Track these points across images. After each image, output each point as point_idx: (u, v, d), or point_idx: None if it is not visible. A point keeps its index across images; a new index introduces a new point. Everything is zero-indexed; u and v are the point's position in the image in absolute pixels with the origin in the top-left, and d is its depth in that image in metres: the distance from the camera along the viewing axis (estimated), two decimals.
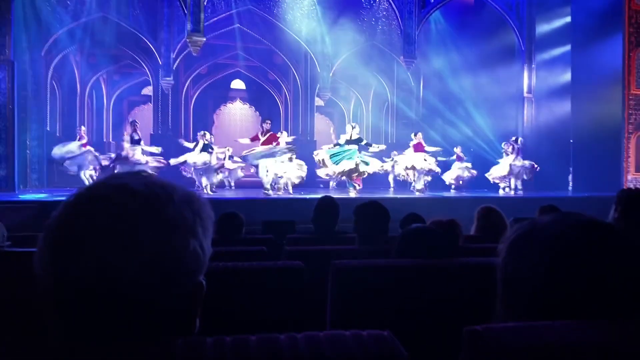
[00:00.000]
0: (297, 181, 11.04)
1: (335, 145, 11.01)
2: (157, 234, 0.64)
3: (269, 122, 10.22)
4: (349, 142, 10.76)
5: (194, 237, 0.68)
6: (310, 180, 14.27)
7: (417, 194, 11.15)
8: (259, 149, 9.96)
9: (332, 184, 13.40)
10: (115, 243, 0.61)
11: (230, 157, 11.96)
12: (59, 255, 0.62)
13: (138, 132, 10.43)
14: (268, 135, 10.05)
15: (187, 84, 16.60)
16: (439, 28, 15.83)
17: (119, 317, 0.62)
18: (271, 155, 9.87)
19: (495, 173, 12.23)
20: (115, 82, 16.83)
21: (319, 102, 17.05)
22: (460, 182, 13.12)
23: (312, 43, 15.21)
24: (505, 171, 11.98)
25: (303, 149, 12.51)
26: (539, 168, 12.04)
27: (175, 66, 14.62)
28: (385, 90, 17.43)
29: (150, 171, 10.10)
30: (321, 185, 14.81)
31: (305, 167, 11.31)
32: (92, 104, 16.48)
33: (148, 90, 16.51)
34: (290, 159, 10.44)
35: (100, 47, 14.43)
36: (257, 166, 10.16)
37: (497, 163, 12.37)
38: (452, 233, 2.61)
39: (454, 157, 13.25)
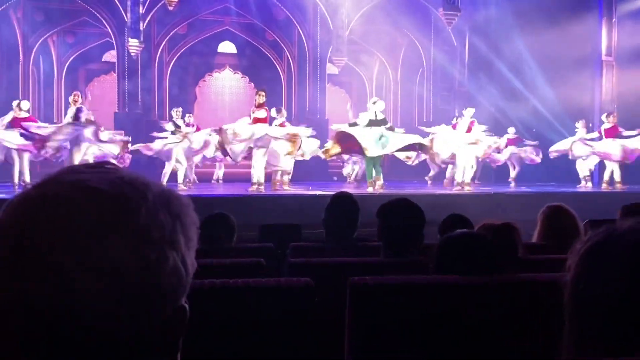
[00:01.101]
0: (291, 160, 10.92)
1: (350, 126, 10.94)
2: (127, 245, 0.64)
3: (263, 93, 10.15)
4: (373, 122, 10.65)
5: (174, 249, 0.68)
6: (320, 171, 14.32)
7: (463, 188, 11.09)
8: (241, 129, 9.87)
9: (349, 171, 13.37)
10: (73, 258, 0.62)
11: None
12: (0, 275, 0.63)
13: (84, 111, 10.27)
14: (259, 111, 10.01)
15: (161, 48, 16.68)
16: None
17: (78, 352, 0.63)
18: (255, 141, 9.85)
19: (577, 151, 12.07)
20: (69, 45, 16.96)
21: (332, 69, 17.01)
22: (514, 170, 13.15)
23: None
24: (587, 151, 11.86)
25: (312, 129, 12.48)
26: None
27: (145, 24, 14.68)
28: (420, 54, 17.35)
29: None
30: (334, 178, 14.82)
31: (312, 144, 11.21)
32: (39, 73, 16.63)
33: (111, 56, 16.61)
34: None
35: None
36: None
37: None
38: (508, 240, 2.60)
39: (506, 139, 13.22)
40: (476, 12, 15.59)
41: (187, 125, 11.55)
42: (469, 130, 11.29)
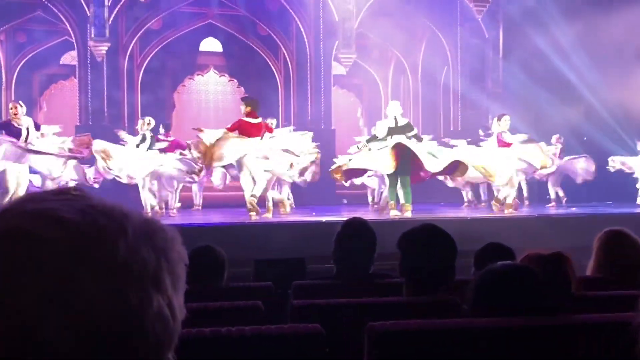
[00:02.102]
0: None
1: (370, 142, 10.94)
2: (102, 285, 0.65)
3: (245, 104, 10.30)
4: (394, 130, 10.67)
5: (158, 291, 0.68)
6: (327, 193, 14.31)
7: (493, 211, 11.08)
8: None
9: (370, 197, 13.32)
10: (38, 302, 0.63)
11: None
12: None
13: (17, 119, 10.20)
14: (239, 122, 10.16)
15: (131, 47, 16.79)
16: None
17: None
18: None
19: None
20: (20, 45, 17.09)
21: (338, 69, 17.11)
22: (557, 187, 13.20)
23: None
24: None
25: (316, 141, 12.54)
26: None
27: (111, 19, 14.82)
28: (444, 49, 17.44)
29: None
30: (344, 201, 14.81)
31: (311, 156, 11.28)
32: None
33: (70, 58, 16.73)
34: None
35: None
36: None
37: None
38: (559, 274, 2.59)
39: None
40: None
41: (162, 139, 11.60)
42: (499, 142, 11.34)
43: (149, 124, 11.33)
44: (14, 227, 0.66)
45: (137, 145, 11.04)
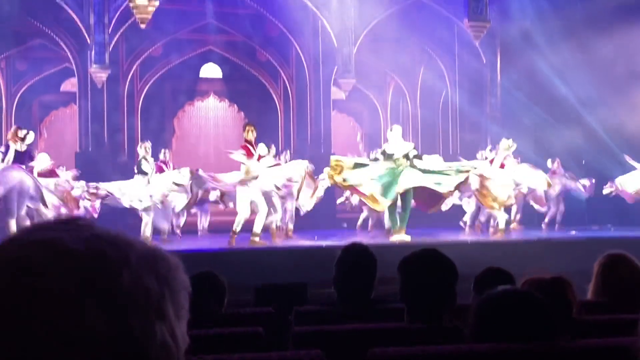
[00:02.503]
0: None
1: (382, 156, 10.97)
2: (107, 315, 0.65)
3: (250, 129, 10.33)
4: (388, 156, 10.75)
5: (162, 320, 0.69)
6: (327, 216, 14.29)
7: (497, 236, 11.08)
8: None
9: (366, 218, 13.32)
10: (43, 331, 0.63)
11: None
12: None
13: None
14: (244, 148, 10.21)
15: (131, 74, 16.88)
16: None
17: None
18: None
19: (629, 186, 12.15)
20: (20, 73, 17.17)
21: (337, 93, 17.19)
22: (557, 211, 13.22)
23: (323, 1, 15.44)
24: None
25: (315, 165, 12.59)
26: None
27: (112, 46, 14.90)
28: (442, 73, 17.53)
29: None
30: (344, 225, 14.78)
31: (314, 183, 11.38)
32: None
33: (71, 85, 16.80)
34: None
35: None
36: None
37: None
38: (560, 298, 2.59)
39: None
40: (509, 21, 15.77)
41: (162, 162, 11.60)
42: (502, 165, 11.40)
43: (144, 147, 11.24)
44: (21, 257, 0.67)
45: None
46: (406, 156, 10.54)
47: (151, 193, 10.54)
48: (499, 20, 15.19)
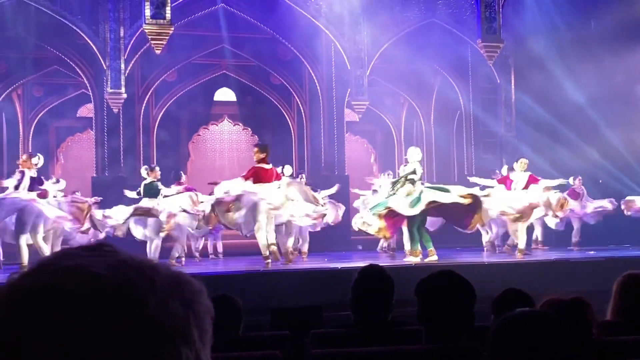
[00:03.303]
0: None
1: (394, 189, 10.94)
2: (133, 343, 0.66)
3: (258, 150, 10.36)
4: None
5: (187, 345, 0.69)
6: (342, 238, 14.26)
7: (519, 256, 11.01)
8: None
9: (382, 243, 13.24)
10: (73, 358, 0.64)
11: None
12: None
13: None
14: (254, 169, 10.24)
15: (146, 99, 17.02)
16: None
17: None
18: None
19: None
20: (37, 99, 17.37)
21: (351, 116, 17.24)
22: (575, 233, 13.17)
23: (336, 25, 15.55)
24: None
25: (330, 187, 12.62)
26: None
27: (127, 71, 15.05)
28: (456, 94, 17.53)
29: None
30: (359, 247, 14.74)
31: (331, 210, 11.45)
32: (1, 131, 16.96)
33: (87, 111, 16.98)
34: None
35: (13, 45, 14.94)
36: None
37: None
38: (580, 319, 2.57)
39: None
40: (523, 42, 15.80)
41: (179, 184, 11.69)
42: (526, 186, 11.36)
43: (151, 170, 11.31)
44: (49, 283, 0.67)
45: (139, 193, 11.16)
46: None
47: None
48: (512, 40, 15.22)
